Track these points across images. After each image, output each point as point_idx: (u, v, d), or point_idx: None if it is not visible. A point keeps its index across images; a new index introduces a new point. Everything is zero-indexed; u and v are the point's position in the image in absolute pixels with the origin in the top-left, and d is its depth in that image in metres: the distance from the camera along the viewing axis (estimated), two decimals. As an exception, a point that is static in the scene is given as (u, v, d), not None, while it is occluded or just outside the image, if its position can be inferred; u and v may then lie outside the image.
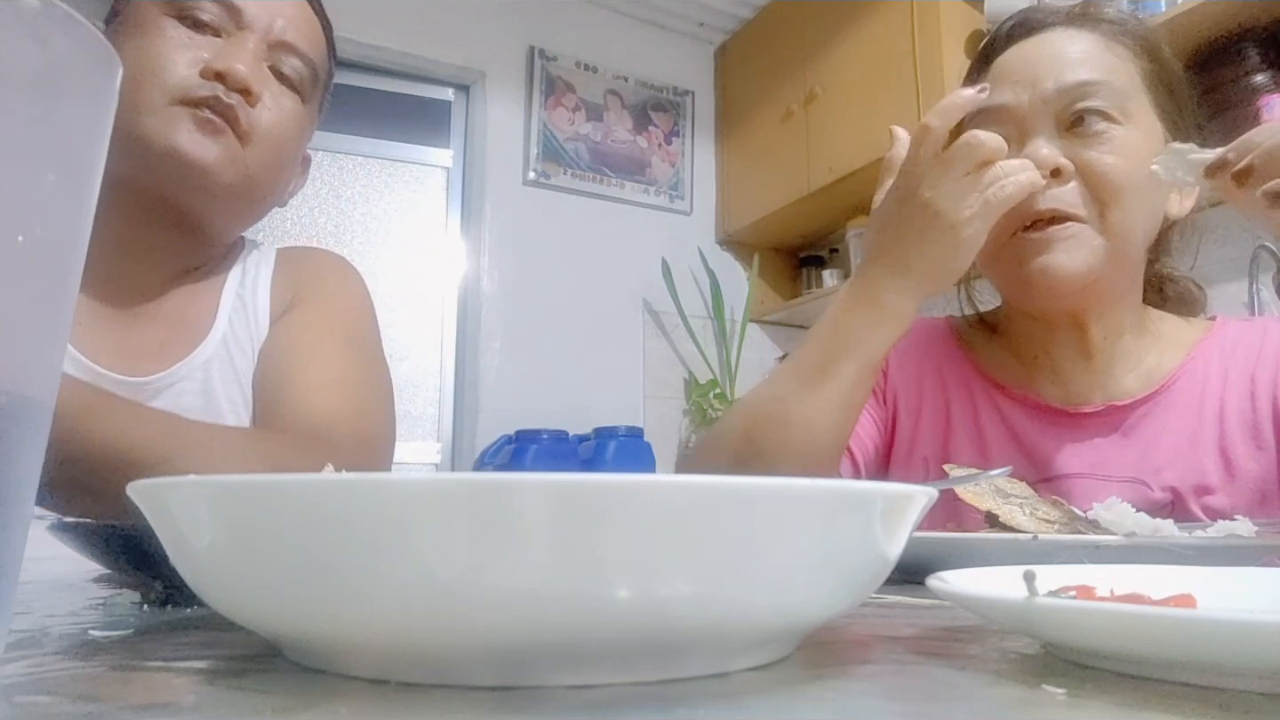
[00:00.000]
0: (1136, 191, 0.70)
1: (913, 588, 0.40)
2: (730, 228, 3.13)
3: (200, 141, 0.69)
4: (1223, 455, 0.74)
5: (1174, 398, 0.77)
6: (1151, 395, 0.77)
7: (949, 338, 0.88)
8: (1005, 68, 0.75)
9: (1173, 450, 0.75)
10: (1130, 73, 0.74)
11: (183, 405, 0.74)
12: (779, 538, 0.21)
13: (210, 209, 0.74)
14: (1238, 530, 0.50)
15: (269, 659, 0.24)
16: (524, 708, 0.19)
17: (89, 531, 0.40)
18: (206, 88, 0.69)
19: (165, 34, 0.71)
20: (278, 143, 0.76)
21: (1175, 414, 0.76)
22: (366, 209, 2.75)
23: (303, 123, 0.80)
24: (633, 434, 2.48)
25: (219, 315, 0.80)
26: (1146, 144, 0.71)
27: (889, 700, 0.21)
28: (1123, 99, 0.71)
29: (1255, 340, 0.78)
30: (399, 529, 0.19)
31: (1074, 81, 0.71)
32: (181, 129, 0.69)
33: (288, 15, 0.76)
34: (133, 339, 0.76)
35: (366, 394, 0.77)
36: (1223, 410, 0.75)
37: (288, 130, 0.77)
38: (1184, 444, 0.75)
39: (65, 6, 0.19)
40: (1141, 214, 0.72)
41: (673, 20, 3.16)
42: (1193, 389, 0.77)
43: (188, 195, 0.71)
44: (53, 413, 0.21)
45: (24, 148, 0.19)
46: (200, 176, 0.70)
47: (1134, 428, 0.77)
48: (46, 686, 0.22)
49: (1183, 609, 0.21)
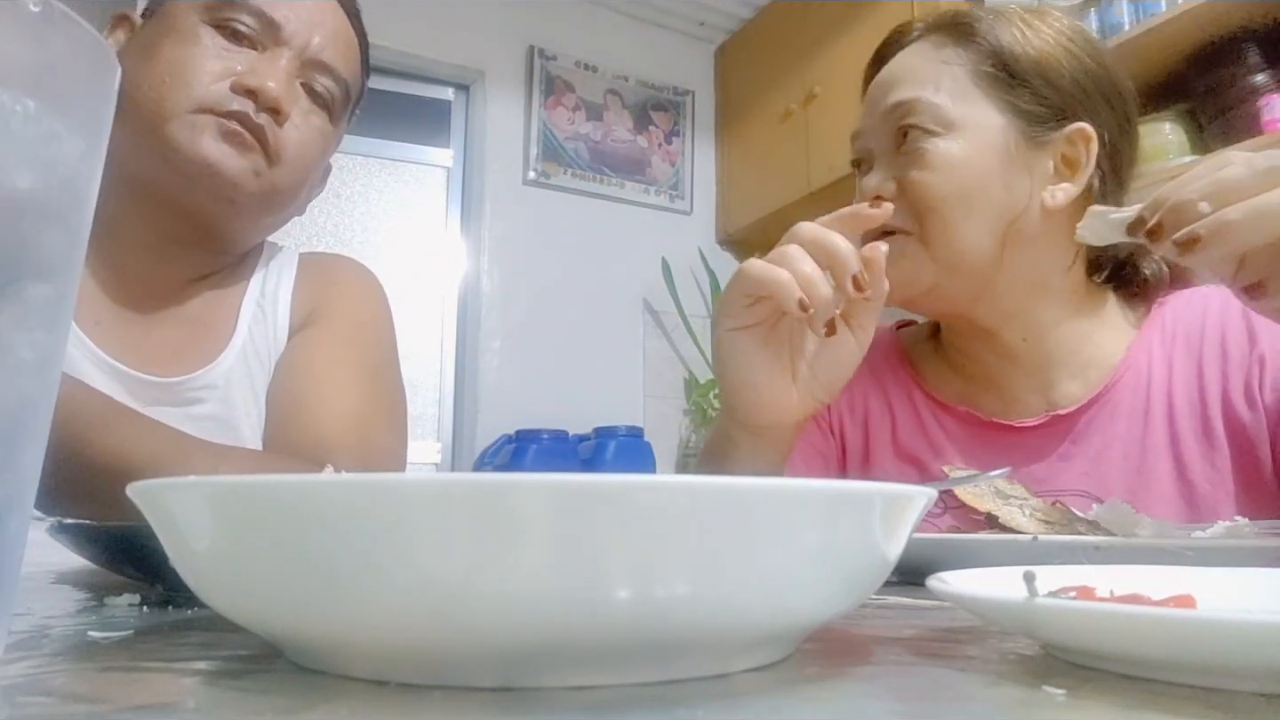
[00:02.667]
0: (960, 200, 0.69)
1: (913, 589, 0.40)
2: (730, 227, 3.13)
3: (227, 153, 0.69)
4: (1175, 457, 0.71)
5: (1119, 399, 0.73)
6: (1096, 399, 0.74)
7: (893, 353, 0.87)
8: (868, 94, 0.78)
9: (1123, 458, 0.72)
10: (957, 75, 0.72)
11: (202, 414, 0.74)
12: (779, 538, 0.21)
13: (232, 218, 0.74)
14: (1238, 530, 0.50)
15: (269, 660, 0.24)
16: (524, 708, 0.19)
17: (89, 532, 0.40)
18: (236, 103, 0.69)
19: (201, 42, 0.70)
20: (303, 161, 0.75)
21: (1123, 417, 0.73)
22: (366, 209, 2.75)
23: (329, 140, 0.80)
24: (633, 434, 2.48)
25: (239, 324, 0.80)
26: (976, 147, 0.70)
27: (889, 701, 0.21)
28: (941, 109, 0.71)
29: (1196, 317, 0.74)
30: (399, 530, 0.19)
31: (893, 103, 0.72)
32: (207, 138, 0.68)
33: (326, 32, 0.75)
34: (152, 339, 0.75)
35: (380, 423, 0.76)
36: (1171, 408, 0.72)
37: (314, 149, 0.76)
38: (1134, 450, 0.72)
39: (65, 7, 0.19)
40: (977, 219, 0.70)
41: (673, 20, 3.16)
42: (1138, 386, 0.73)
43: (212, 204, 0.71)
44: (60, 417, 0.21)
45: (24, 149, 0.19)
46: (228, 188, 0.70)
47: (1081, 436, 0.74)
48: (46, 687, 0.22)
49: (1183, 609, 0.21)
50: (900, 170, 0.71)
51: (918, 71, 0.73)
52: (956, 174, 0.69)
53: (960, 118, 0.71)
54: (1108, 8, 2.01)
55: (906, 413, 0.82)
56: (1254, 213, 0.46)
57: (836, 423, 0.85)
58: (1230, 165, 0.48)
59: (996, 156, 0.70)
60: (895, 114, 0.72)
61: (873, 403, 0.84)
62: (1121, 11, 1.98)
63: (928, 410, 0.81)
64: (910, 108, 0.71)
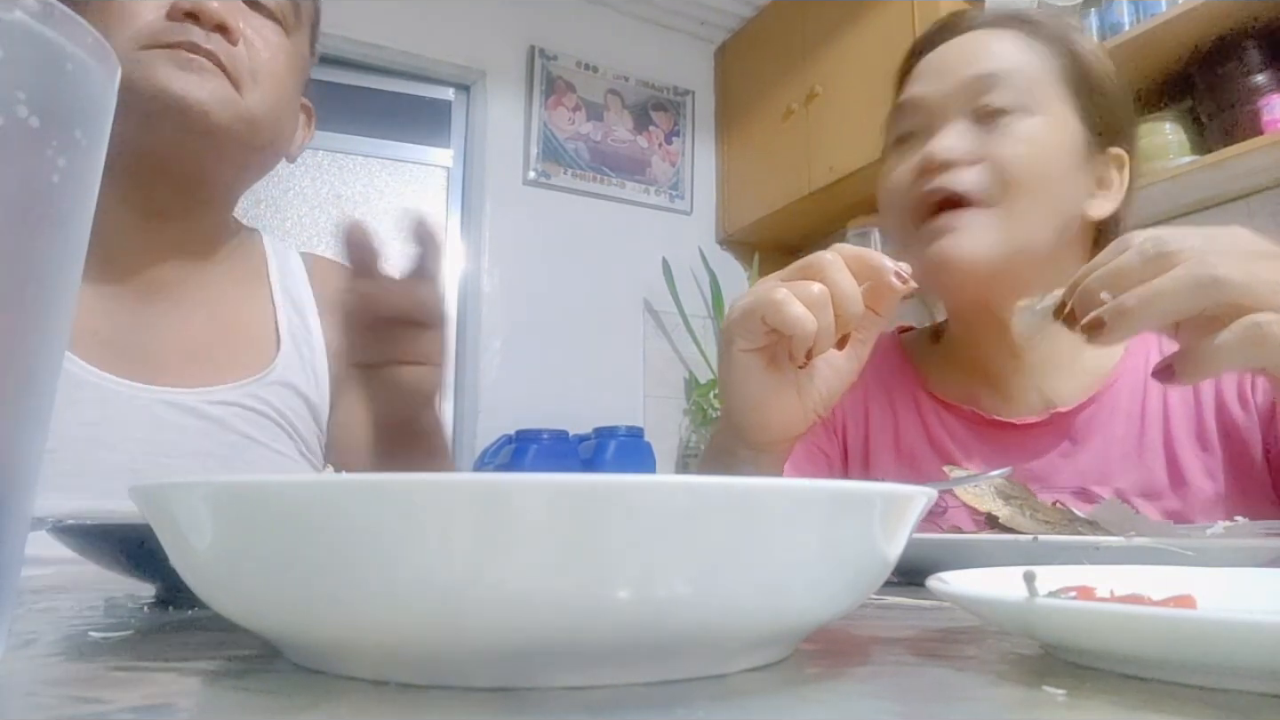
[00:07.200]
0: (1042, 181, 0.70)
1: (913, 589, 0.40)
2: (730, 227, 3.13)
3: (188, 79, 0.64)
4: (1170, 458, 0.72)
5: (1116, 399, 0.75)
6: (1094, 398, 0.75)
7: (895, 353, 0.87)
8: (924, 66, 0.77)
9: (1121, 456, 0.74)
10: (1045, 68, 0.74)
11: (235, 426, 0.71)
12: (779, 538, 0.21)
13: (213, 159, 0.70)
14: (1238, 530, 0.50)
15: (270, 660, 0.24)
16: (524, 708, 0.19)
17: (89, 532, 0.40)
18: (178, 30, 0.65)
19: None
20: (271, 79, 0.71)
21: (1120, 417, 0.75)
22: (366, 209, 2.75)
23: (293, 58, 0.74)
24: (633, 434, 2.48)
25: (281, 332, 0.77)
26: (1058, 137, 0.72)
27: (889, 701, 0.21)
28: (1032, 91, 0.72)
29: None
30: (399, 529, 0.19)
31: (982, 73, 0.72)
32: (160, 70, 0.64)
33: None
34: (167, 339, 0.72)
35: None
36: (1166, 409, 0.74)
37: (278, 64, 0.72)
38: (1131, 449, 0.73)
39: (65, 7, 0.19)
40: (1049, 206, 0.71)
41: (673, 20, 3.16)
42: (1134, 387, 0.75)
43: (187, 142, 0.67)
44: (52, 409, 0.21)
45: (24, 148, 0.19)
46: (199, 118, 0.65)
47: (1081, 434, 0.75)
48: (47, 687, 0.22)
49: (1183, 609, 0.21)
50: (982, 142, 0.70)
51: (1007, 52, 0.74)
52: (1044, 154, 0.70)
53: (1046, 105, 0.72)
54: (1108, 8, 2.01)
55: (909, 412, 0.83)
56: (1147, 299, 0.48)
57: (839, 423, 0.86)
58: (1127, 250, 0.50)
59: (1069, 152, 0.72)
60: (981, 84, 0.72)
61: (875, 403, 0.84)
62: (1122, 11, 1.98)
63: (931, 409, 0.82)
64: (1000, 80, 0.71)
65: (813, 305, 0.53)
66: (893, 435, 0.83)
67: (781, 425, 0.62)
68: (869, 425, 0.84)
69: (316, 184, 2.67)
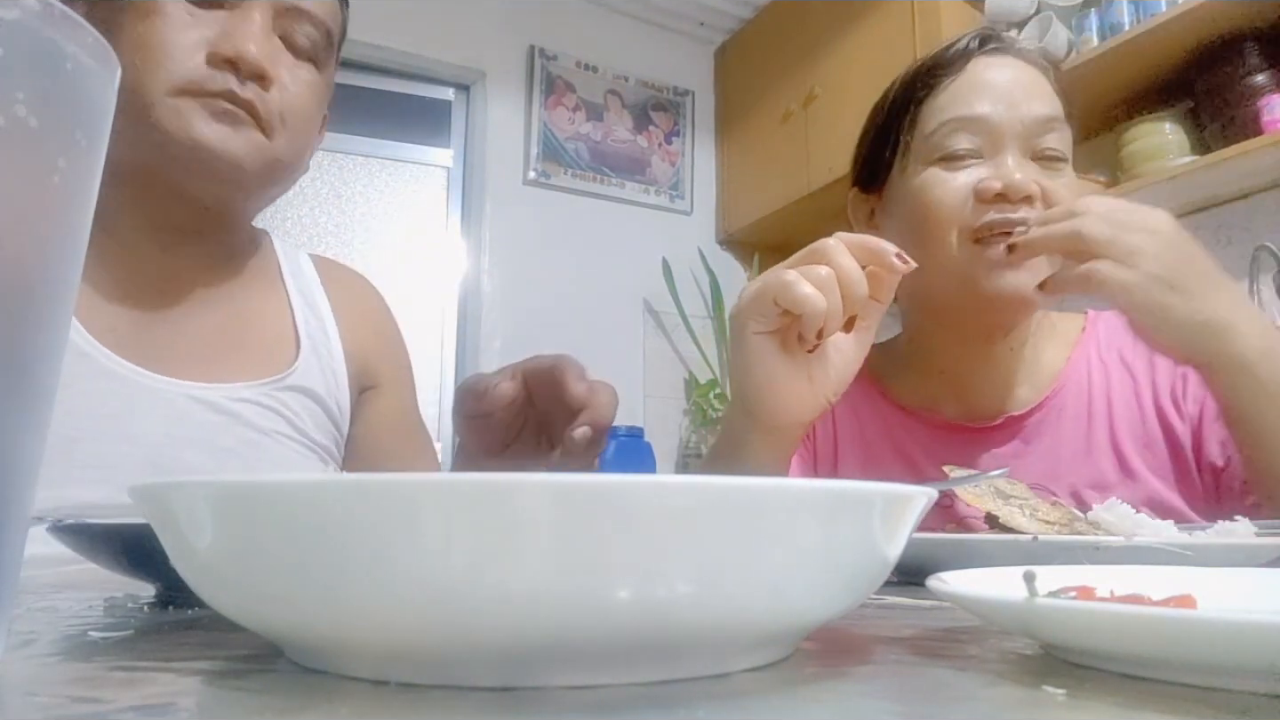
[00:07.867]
0: None
1: (913, 589, 0.40)
2: (730, 228, 3.13)
3: (222, 134, 0.65)
4: (1118, 456, 0.77)
5: (1065, 401, 0.80)
6: (1044, 401, 0.80)
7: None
8: (978, 84, 0.77)
9: (1072, 455, 0.78)
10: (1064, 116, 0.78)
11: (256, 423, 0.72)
12: (779, 538, 0.21)
13: (238, 199, 0.71)
14: (1238, 530, 0.50)
15: (270, 660, 0.24)
16: (524, 708, 0.19)
17: (89, 532, 0.40)
18: (219, 80, 0.65)
19: (164, 12, 0.65)
20: (301, 124, 0.72)
21: (1069, 418, 0.79)
22: (366, 209, 2.75)
23: (321, 92, 0.76)
24: (633, 434, 2.48)
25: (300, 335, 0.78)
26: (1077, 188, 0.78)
27: (889, 700, 0.21)
28: (1069, 143, 0.77)
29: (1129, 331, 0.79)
30: (399, 529, 0.19)
31: (1046, 115, 0.75)
32: (197, 121, 0.64)
33: None
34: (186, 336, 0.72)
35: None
36: (1111, 408, 0.78)
37: (310, 108, 0.73)
38: (1081, 447, 0.78)
39: (65, 7, 0.19)
40: None
41: (673, 20, 3.16)
42: (1080, 389, 0.80)
43: (215, 188, 0.68)
44: (52, 408, 0.21)
45: (24, 148, 0.19)
46: (229, 170, 0.67)
47: (1033, 435, 0.79)
48: (46, 686, 0.22)
49: (1183, 609, 0.21)
50: (1038, 178, 0.74)
51: (1054, 98, 0.77)
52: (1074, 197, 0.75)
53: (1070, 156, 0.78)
54: (1108, 8, 2.01)
55: (871, 418, 0.87)
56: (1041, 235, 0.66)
57: (811, 428, 0.88)
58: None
59: None
60: (1044, 126, 0.75)
61: (840, 410, 0.86)
62: (1122, 11, 1.98)
63: (893, 415, 0.86)
64: (1059, 127, 0.76)
65: (821, 286, 0.56)
66: (859, 438, 0.87)
67: (795, 408, 0.63)
68: (837, 430, 0.88)
69: (316, 184, 2.67)
